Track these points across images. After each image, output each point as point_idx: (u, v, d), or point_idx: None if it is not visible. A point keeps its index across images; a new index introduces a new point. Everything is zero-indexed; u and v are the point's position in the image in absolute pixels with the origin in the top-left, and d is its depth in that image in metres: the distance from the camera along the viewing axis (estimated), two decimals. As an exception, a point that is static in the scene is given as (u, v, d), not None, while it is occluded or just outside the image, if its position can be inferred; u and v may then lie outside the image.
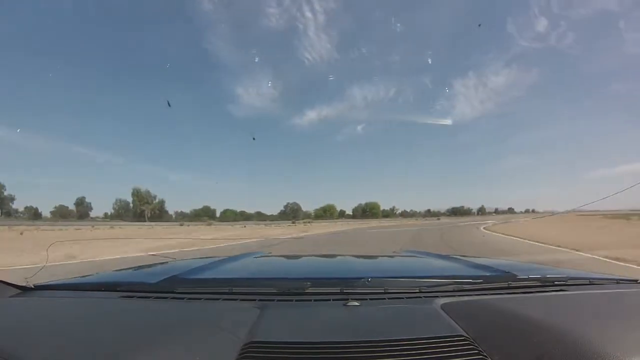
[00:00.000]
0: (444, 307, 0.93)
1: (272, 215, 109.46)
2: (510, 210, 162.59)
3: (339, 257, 2.33)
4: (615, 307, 1.00)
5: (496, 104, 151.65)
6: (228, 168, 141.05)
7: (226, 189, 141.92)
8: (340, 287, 1.08)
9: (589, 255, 8.65)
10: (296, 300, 1.02)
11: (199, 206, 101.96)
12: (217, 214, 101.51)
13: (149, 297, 1.08)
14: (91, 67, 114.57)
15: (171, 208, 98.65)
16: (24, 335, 0.79)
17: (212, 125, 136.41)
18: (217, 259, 1.82)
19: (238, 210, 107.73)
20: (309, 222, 67.45)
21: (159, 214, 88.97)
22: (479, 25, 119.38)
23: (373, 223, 47.67)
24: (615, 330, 0.78)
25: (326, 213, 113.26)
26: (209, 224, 62.88)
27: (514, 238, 15.25)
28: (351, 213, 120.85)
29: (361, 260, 2.12)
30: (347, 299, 0.97)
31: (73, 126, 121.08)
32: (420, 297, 1.04)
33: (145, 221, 75.61)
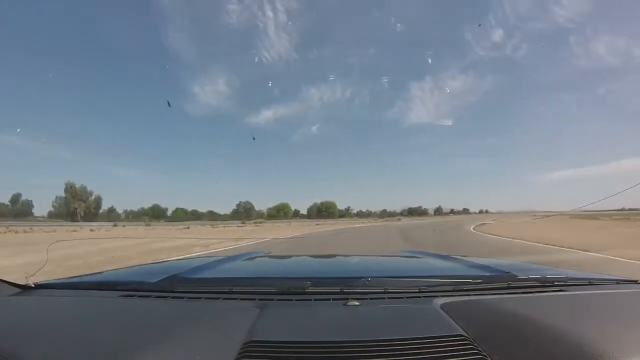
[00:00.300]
0: (443, 307, 0.93)
1: (225, 214, 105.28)
2: (465, 211, 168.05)
3: (339, 257, 2.34)
4: (615, 307, 1.00)
5: (451, 107, 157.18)
6: (182, 166, 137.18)
7: (180, 187, 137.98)
8: (340, 286, 1.08)
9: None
10: (296, 300, 1.02)
11: (155, 205, 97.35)
12: (170, 213, 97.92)
13: (149, 297, 1.08)
14: (38, 55, 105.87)
15: (122, 206, 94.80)
16: (24, 334, 0.79)
17: (166, 121, 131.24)
18: (217, 258, 1.82)
19: (190, 209, 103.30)
20: (260, 223, 61.00)
21: (95, 213, 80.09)
22: (479, 25, 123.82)
23: (328, 225, 40.42)
24: (615, 330, 0.78)
25: (280, 213, 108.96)
26: (148, 225, 56.44)
27: (544, 245, 11.90)
28: (306, 213, 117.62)
29: (361, 259, 2.10)
30: (347, 299, 0.97)
31: (23, 119, 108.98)
32: (420, 297, 1.04)
33: (78, 221, 67.00)
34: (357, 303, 0.95)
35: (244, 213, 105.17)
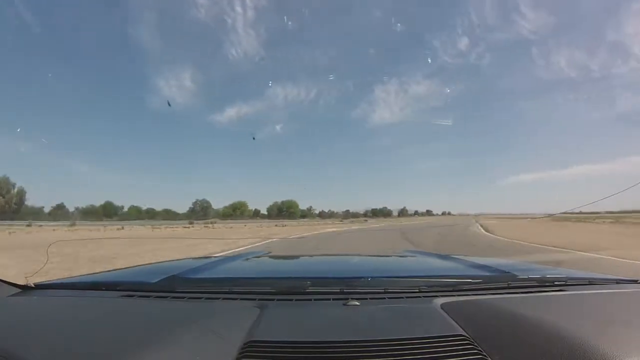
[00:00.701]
0: (443, 306, 0.93)
1: (182, 213, 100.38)
2: (429, 213, 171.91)
3: (339, 257, 2.38)
4: (615, 307, 1.00)
5: (415, 111, 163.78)
6: (141, 162, 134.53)
7: (137, 184, 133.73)
8: (340, 286, 1.08)
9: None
10: (296, 300, 1.02)
11: (108, 202, 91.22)
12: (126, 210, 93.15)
13: (149, 297, 1.07)
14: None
15: (74, 204, 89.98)
16: (24, 334, 0.79)
17: (127, 115, 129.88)
18: (217, 258, 1.87)
19: (147, 207, 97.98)
20: (211, 223, 52.24)
21: (17, 209, 68.52)
22: (479, 26, 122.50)
23: (288, 228, 31.66)
24: (615, 330, 0.78)
25: (236, 212, 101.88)
26: (72, 224, 47.32)
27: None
28: (266, 212, 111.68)
29: (361, 259, 2.10)
30: (347, 299, 0.97)
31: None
32: (420, 296, 1.04)
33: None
34: (357, 303, 0.95)
35: (201, 212, 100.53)
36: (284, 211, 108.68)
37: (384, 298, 1.02)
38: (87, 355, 0.68)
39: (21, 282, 1.21)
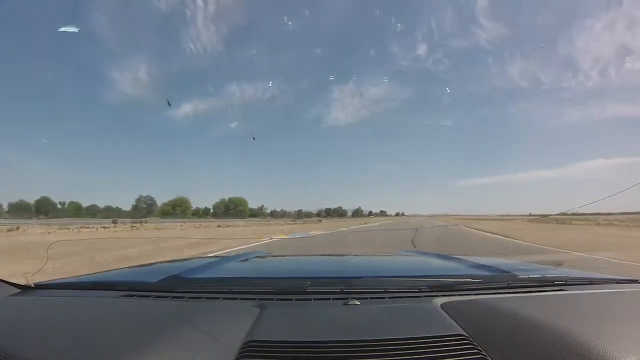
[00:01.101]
0: (443, 306, 0.93)
1: (125, 210, 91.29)
2: (383, 213, 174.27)
3: (339, 257, 2.35)
4: (615, 307, 1.00)
5: (371, 113, 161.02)
6: (91, 156, 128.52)
7: (82, 178, 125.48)
8: (340, 286, 1.08)
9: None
10: (296, 300, 1.02)
11: (44, 197, 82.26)
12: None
13: (149, 297, 1.07)
14: None
15: (10, 197, 79.05)
16: (24, 334, 0.79)
17: (77, 107, 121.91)
18: (217, 258, 1.84)
19: (89, 204, 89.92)
20: (140, 222, 42.53)
21: None
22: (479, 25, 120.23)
23: (231, 231, 23.43)
24: (615, 330, 0.78)
25: (176, 209, 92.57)
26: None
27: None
28: (212, 209, 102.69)
29: (361, 259, 2.14)
30: (347, 299, 0.97)
31: None
32: (420, 296, 1.04)
33: None
34: (357, 303, 0.95)
35: (145, 209, 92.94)
36: (231, 209, 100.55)
37: (384, 298, 1.02)
38: (87, 355, 0.67)
39: (21, 281, 1.21)
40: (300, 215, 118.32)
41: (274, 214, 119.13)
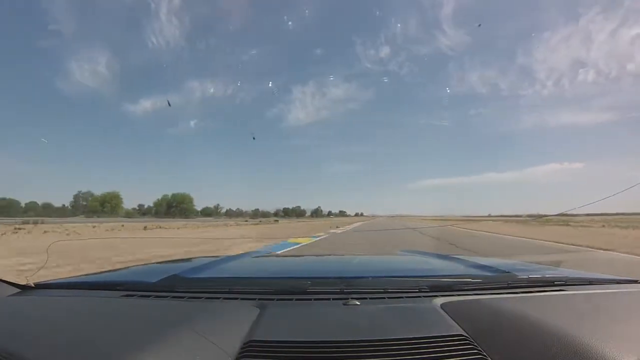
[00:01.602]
0: (443, 306, 0.93)
1: (63, 207, 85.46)
2: (342, 213, 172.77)
3: (339, 257, 2.39)
4: (615, 307, 1.00)
5: (332, 113, 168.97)
6: (35, 148, 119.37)
7: (26, 172, 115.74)
8: (340, 286, 1.08)
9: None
10: (296, 300, 1.02)
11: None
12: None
13: (149, 297, 1.07)
14: None
15: None
16: (24, 334, 0.79)
17: (30, 98, 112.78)
18: (217, 258, 1.83)
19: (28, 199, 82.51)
20: (34, 224, 34.52)
21: None
22: (479, 25, 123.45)
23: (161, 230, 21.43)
24: (615, 330, 0.78)
25: (104, 206, 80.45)
26: None
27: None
28: (154, 207, 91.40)
29: (361, 259, 2.10)
30: (347, 298, 0.97)
31: None
32: (420, 296, 1.04)
33: None
34: (357, 303, 0.95)
35: (84, 205, 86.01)
36: (173, 207, 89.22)
37: (384, 298, 1.02)
38: (87, 354, 0.67)
39: (21, 281, 1.20)
40: (256, 214, 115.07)
41: (229, 213, 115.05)
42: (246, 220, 59.52)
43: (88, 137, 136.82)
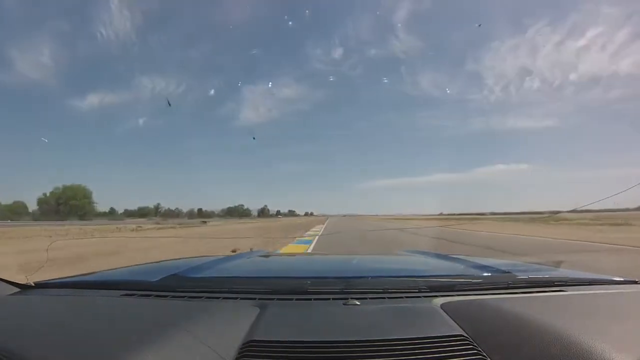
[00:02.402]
0: (443, 306, 0.93)
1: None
2: (292, 213, 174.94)
3: (339, 257, 2.39)
4: (615, 307, 1.00)
5: (282, 113, 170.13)
6: None
7: None
8: (340, 286, 1.08)
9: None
10: (296, 299, 1.02)
11: None
12: None
13: (149, 296, 1.07)
14: None
15: None
16: (24, 333, 0.79)
17: None
18: (217, 258, 1.83)
19: None
20: None
21: None
22: (479, 25, 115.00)
23: None
24: (615, 331, 0.78)
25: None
26: None
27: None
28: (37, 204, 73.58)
29: (361, 259, 2.10)
30: (347, 298, 0.97)
31: None
32: (420, 296, 1.04)
33: None
34: (357, 303, 0.95)
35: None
36: (62, 204, 68.36)
37: (384, 298, 1.02)
38: (88, 354, 0.67)
39: (21, 280, 1.20)
40: (191, 215, 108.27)
41: (167, 214, 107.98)
42: (157, 223, 46.66)
43: (26, 131, 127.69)
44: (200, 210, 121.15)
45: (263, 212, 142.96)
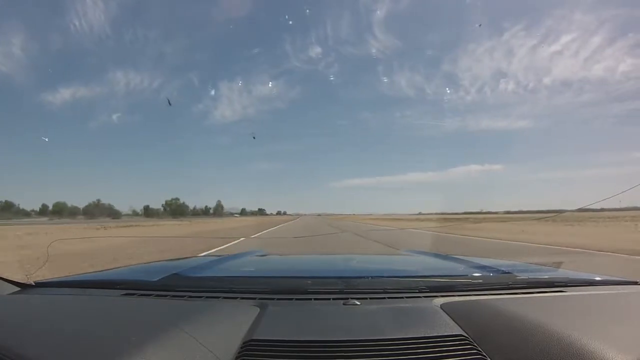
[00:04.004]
0: (443, 306, 0.93)
1: None
2: (261, 211, 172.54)
3: (339, 256, 2.37)
4: (615, 308, 1.00)
5: (258, 111, 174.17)
6: None
7: None
8: (340, 286, 1.08)
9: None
10: (296, 299, 1.02)
11: None
12: None
13: (149, 295, 1.07)
14: None
15: None
16: (24, 332, 0.79)
17: None
18: (217, 257, 1.86)
19: None
20: None
21: None
22: (479, 25, 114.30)
23: None
24: (615, 332, 0.78)
25: None
26: None
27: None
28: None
29: (361, 259, 2.14)
30: (347, 298, 0.97)
31: None
32: (420, 296, 1.04)
33: None
34: (357, 303, 0.95)
35: None
36: None
37: (384, 298, 1.02)
38: (88, 353, 0.67)
39: (22, 279, 1.20)
40: (146, 213, 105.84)
41: (109, 213, 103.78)
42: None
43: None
44: (147, 207, 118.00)
45: (216, 211, 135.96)
